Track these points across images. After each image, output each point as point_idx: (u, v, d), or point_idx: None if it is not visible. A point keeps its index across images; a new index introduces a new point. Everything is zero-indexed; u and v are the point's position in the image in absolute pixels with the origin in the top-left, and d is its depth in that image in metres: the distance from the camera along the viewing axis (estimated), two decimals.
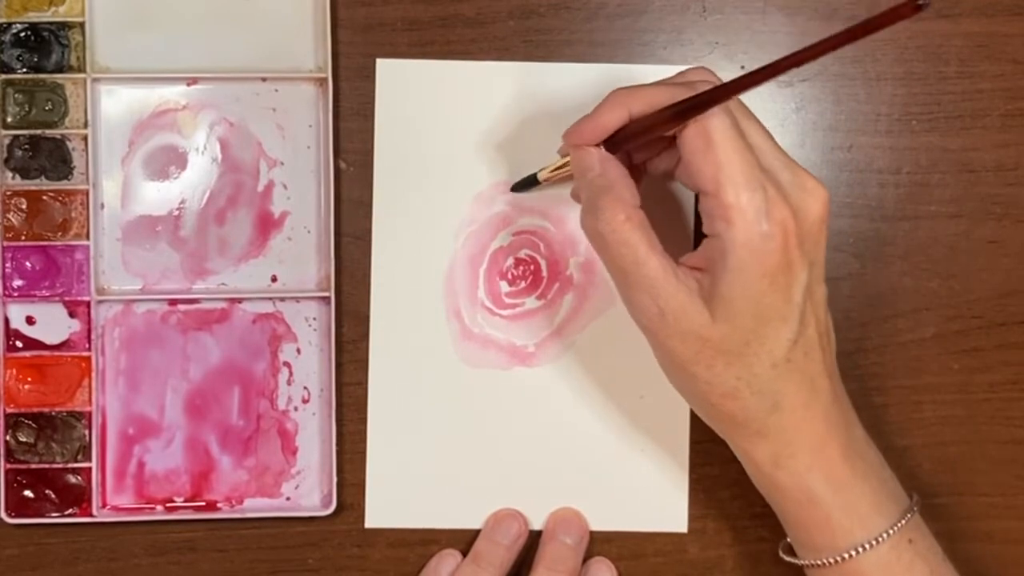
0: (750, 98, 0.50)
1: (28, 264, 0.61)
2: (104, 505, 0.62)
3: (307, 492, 0.63)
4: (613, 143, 0.53)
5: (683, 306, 0.50)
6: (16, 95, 0.61)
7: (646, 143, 0.54)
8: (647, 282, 0.51)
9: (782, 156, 0.51)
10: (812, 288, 0.51)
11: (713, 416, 0.54)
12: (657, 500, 0.63)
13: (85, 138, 0.61)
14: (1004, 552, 0.64)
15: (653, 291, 0.51)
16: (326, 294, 0.62)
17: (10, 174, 0.61)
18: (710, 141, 0.49)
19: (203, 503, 0.62)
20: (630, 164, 0.55)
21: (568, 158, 0.56)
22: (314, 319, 0.62)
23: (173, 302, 0.62)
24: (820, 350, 0.52)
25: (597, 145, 0.53)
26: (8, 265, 0.61)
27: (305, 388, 0.62)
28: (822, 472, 0.53)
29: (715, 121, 0.49)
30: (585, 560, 0.63)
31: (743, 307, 0.50)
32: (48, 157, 0.61)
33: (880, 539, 0.53)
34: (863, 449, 0.55)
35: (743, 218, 0.49)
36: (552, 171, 0.59)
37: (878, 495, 0.54)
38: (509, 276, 0.63)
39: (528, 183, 0.61)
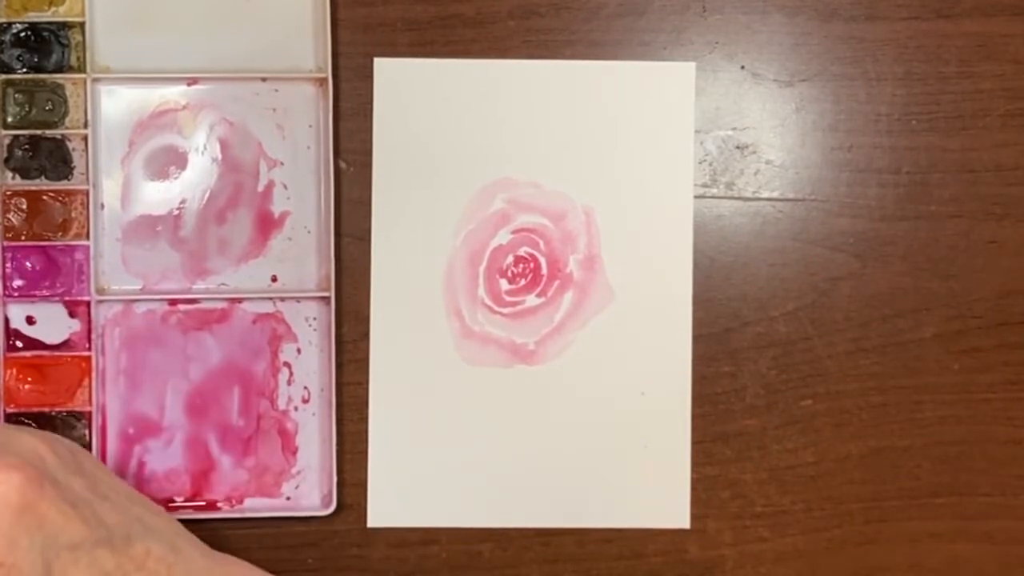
0: (752, 98, 0.50)
1: (28, 264, 0.61)
2: None
3: (307, 492, 0.63)
4: None
5: None
6: (16, 95, 0.61)
7: None
8: None
9: None
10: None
11: None
12: (659, 496, 0.63)
13: (85, 138, 0.61)
14: (1004, 552, 0.63)
15: None
16: (326, 294, 0.62)
17: (10, 174, 0.61)
18: None
19: (203, 503, 0.62)
20: None
21: None
22: (314, 319, 0.62)
23: (173, 302, 0.62)
24: None
25: None
26: (8, 265, 0.61)
27: (305, 388, 0.62)
28: None
29: None
30: (585, 559, 0.63)
31: None
32: (48, 157, 0.61)
33: None
34: None
35: None
36: None
37: None
38: (509, 274, 0.63)
39: None
